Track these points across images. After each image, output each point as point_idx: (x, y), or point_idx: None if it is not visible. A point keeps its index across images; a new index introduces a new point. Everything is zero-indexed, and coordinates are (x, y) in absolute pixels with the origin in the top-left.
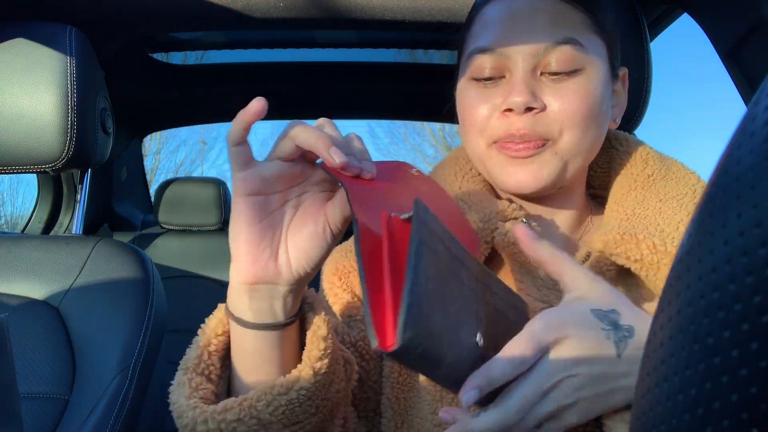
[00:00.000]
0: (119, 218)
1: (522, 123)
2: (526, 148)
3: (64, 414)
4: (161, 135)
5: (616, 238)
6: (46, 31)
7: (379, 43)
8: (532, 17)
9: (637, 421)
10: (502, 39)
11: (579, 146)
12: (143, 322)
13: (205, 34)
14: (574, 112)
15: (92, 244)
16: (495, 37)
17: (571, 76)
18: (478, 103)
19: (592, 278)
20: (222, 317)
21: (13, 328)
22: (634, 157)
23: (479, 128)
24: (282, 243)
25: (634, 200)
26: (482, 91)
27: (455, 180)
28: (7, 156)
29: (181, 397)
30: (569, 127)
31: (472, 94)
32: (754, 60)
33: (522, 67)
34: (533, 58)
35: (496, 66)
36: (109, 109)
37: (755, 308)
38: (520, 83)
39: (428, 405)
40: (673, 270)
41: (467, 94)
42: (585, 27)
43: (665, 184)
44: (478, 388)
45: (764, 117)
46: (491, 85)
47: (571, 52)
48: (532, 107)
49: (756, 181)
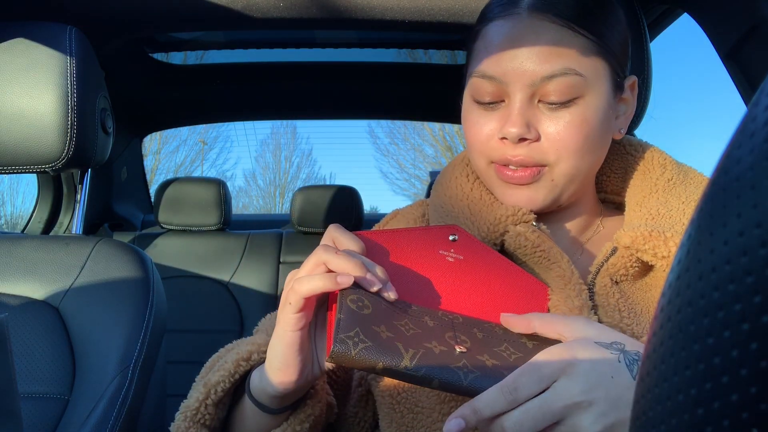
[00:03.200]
0: (119, 218)
1: (517, 151)
2: (522, 177)
3: (64, 414)
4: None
5: (644, 234)
6: (46, 31)
7: (379, 43)
8: (533, 44)
9: (637, 421)
10: (502, 67)
11: (575, 172)
12: (143, 322)
13: (205, 34)
14: (568, 142)
15: (92, 244)
16: (495, 63)
17: (567, 106)
18: (478, 124)
19: (587, 322)
20: (226, 377)
21: (13, 328)
22: (651, 162)
23: (479, 148)
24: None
25: (657, 202)
26: (482, 113)
27: (466, 183)
28: (7, 156)
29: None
30: (564, 156)
31: (474, 115)
32: (754, 60)
33: (519, 97)
34: (531, 87)
35: (496, 92)
36: (109, 109)
37: (755, 308)
38: (516, 113)
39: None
40: (673, 270)
41: (470, 113)
42: (587, 51)
43: (685, 188)
44: (463, 417)
45: (764, 117)
46: (491, 108)
47: (569, 82)
48: (525, 138)
49: (756, 181)
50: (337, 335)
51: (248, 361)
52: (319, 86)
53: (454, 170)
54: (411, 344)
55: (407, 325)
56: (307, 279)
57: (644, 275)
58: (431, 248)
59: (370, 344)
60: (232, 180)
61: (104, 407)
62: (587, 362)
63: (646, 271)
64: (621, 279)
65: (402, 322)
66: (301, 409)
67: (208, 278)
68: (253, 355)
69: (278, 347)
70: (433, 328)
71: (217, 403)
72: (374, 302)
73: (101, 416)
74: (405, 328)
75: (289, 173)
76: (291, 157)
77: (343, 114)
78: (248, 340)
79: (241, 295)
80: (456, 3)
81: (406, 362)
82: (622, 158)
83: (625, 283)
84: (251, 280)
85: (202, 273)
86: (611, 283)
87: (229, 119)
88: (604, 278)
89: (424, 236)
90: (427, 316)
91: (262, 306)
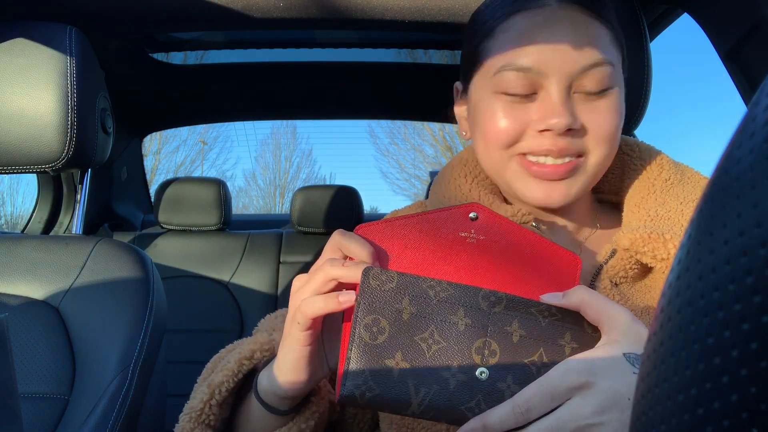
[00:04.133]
0: (119, 218)
1: (559, 142)
2: (558, 171)
3: (64, 414)
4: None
5: (644, 237)
6: (46, 31)
7: (379, 43)
8: (571, 34)
9: (637, 421)
10: (539, 57)
11: (606, 161)
12: (143, 322)
13: (205, 34)
14: (606, 130)
15: (92, 244)
16: (529, 54)
17: (602, 96)
18: (506, 118)
19: (631, 320)
20: (229, 377)
21: (13, 328)
22: (648, 162)
23: (504, 141)
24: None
25: (655, 203)
26: (513, 106)
27: (465, 183)
28: (7, 156)
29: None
30: (601, 144)
31: (499, 109)
32: (754, 60)
33: (558, 87)
34: (569, 78)
35: (530, 84)
36: (109, 109)
37: (755, 308)
38: (560, 104)
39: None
40: (673, 270)
41: (492, 107)
42: (612, 42)
43: (683, 188)
44: (472, 431)
45: (764, 117)
46: (523, 101)
47: (605, 72)
48: (571, 128)
49: (756, 181)
50: (345, 381)
51: (251, 360)
52: (319, 86)
53: (452, 171)
54: (425, 379)
55: (432, 336)
56: (312, 300)
57: (643, 277)
58: (450, 231)
59: (377, 392)
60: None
61: (104, 407)
62: (606, 382)
63: (645, 273)
64: (620, 281)
65: (425, 334)
66: (306, 407)
67: (208, 278)
68: (256, 354)
69: (288, 358)
70: (463, 332)
71: (221, 403)
72: (393, 316)
73: (101, 416)
74: (427, 343)
75: (289, 173)
76: (291, 157)
77: (343, 114)
78: (249, 339)
79: (241, 295)
80: (456, 3)
81: (413, 408)
82: (620, 157)
83: (624, 285)
84: (251, 280)
85: (202, 273)
86: (611, 285)
87: (229, 119)
88: (604, 281)
89: (440, 219)
90: (462, 307)
91: (262, 306)
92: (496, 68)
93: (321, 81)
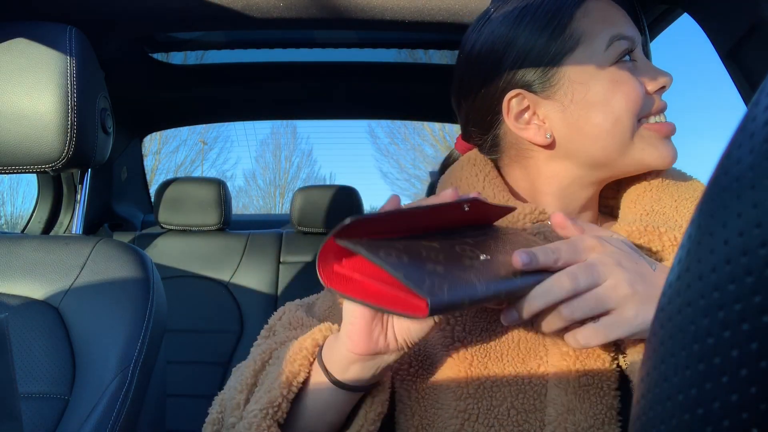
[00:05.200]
0: (119, 218)
1: (662, 102)
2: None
3: (64, 414)
4: (161, 135)
5: (640, 229)
6: (46, 31)
7: (379, 43)
8: (625, 12)
9: (637, 421)
10: (627, 29)
11: None
12: (143, 322)
13: (205, 34)
14: None
15: (92, 244)
16: (624, 25)
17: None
18: (636, 82)
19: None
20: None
21: (13, 328)
22: None
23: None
24: (389, 322)
25: (650, 199)
26: (632, 73)
27: (477, 182)
28: (7, 156)
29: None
30: None
31: (626, 76)
32: (754, 60)
33: (640, 53)
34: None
35: (633, 50)
36: (109, 109)
37: (755, 308)
38: (654, 67)
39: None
40: (673, 270)
41: (620, 77)
42: None
43: (678, 188)
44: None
45: (764, 117)
46: (634, 67)
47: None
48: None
49: (756, 181)
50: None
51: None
52: (319, 86)
53: (462, 170)
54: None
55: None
56: None
57: None
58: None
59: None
60: (232, 180)
61: (104, 407)
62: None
63: None
64: None
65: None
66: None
67: (208, 278)
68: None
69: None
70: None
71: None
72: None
73: (101, 416)
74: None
75: (289, 173)
76: (291, 157)
77: (343, 114)
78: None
79: (241, 295)
80: (456, 3)
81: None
82: None
83: None
84: (251, 280)
85: (202, 273)
86: None
87: (229, 119)
88: None
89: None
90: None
91: (262, 306)
92: (605, 41)
93: (321, 81)
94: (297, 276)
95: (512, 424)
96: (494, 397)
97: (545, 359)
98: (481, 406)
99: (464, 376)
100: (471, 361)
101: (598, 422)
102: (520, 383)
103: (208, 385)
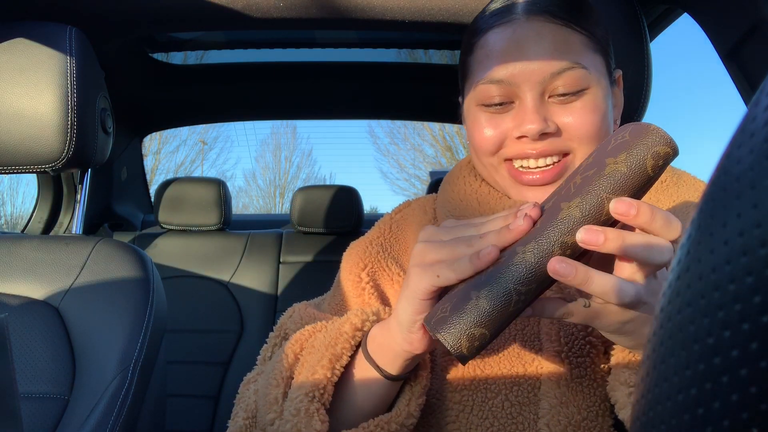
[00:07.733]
0: (119, 218)
1: (537, 145)
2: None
3: (64, 414)
4: (161, 135)
5: None
6: (46, 31)
7: (379, 43)
8: (537, 44)
9: (637, 422)
10: (509, 70)
11: None
12: (143, 322)
13: (205, 34)
14: (587, 128)
15: (92, 244)
16: (501, 67)
17: (578, 96)
18: (487, 128)
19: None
20: (340, 352)
21: (13, 328)
22: None
23: (489, 150)
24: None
25: (648, 200)
26: (491, 117)
27: (474, 181)
28: (7, 156)
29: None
30: (584, 142)
31: (481, 120)
32: (754, 60)
33: (530, 95)
34: (541, 85)
35: (505, 94)
36: (109, 109)
37: (755, 308)
38: (532, 111)
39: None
40: (673, 270)
41: (476, 118)
42: (585, 48)
43: (677, 189)
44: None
45: (764, 117)
46: (501, 110)
47: (576, 75)
48: (546, 133)
49: (756, 181)
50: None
51: (362, 330)
52: (319, 86)
53: (460, 172)
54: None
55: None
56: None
57: None
58: None
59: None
60: (232, 180)
61: (104, 407)
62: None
63: None
64: None
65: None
66: (417, 380)
67: (208, 278)
68: (365, 324)
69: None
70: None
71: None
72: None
73: (101, 416)
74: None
75: (289, 173)
76: (291, 157)
77: (343, 114)
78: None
79: (241, 295)
80: (456, 3)
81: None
82: None
83: None
84: (251, 280)
85: (202, 273)
86: None
87: (229, 119)
88: None
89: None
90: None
91: (262, 306)
92: (475, 82)
93: (321, 81)
94: (297, 276)
95: (506, 416)
96: (489, 390)
97: (539, 353)
98: (475, 398)
99: (460, 368)
100: None
101: (591, 414)
102: (514, 376)
103: (208, 385)
